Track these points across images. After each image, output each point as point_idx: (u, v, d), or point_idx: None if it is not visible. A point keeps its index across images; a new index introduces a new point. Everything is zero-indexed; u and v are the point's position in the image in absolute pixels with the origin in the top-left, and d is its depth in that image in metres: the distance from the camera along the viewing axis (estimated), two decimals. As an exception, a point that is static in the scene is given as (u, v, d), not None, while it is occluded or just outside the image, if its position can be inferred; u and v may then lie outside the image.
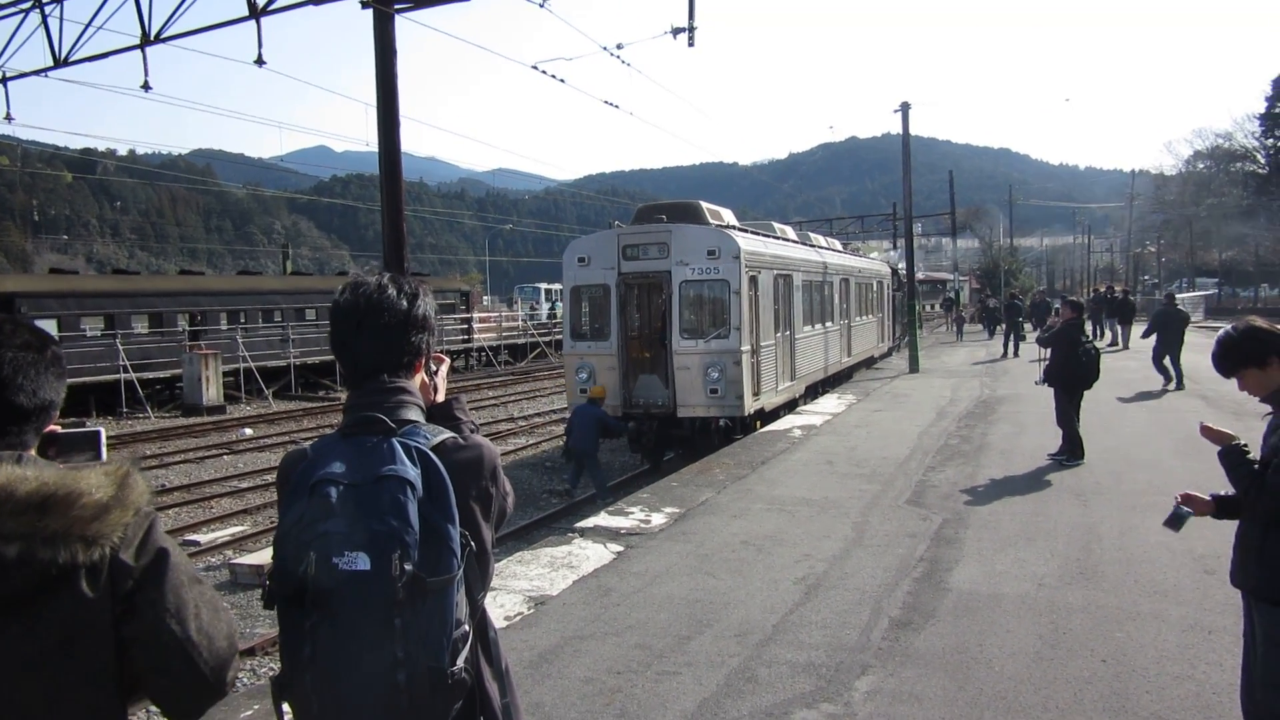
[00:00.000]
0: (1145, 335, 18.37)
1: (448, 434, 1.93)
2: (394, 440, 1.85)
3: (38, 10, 13.31)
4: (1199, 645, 5.02)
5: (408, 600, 1.74)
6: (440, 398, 2.16)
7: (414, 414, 1.95)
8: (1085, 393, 10.56)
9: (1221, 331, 3.41)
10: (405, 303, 2.00)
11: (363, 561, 1.73)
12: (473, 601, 1.89)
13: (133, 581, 1.56)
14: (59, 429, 1.76)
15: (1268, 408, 3.24)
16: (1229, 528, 3.35)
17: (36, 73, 13.68)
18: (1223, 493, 3.30)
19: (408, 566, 1.73)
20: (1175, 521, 3.33)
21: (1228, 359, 3.30)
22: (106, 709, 1.58)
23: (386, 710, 1.76)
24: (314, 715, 1.79)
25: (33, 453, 1.66)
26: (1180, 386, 16.42)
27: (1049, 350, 10.87)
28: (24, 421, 1.63)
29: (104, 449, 1.82)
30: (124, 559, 1.54)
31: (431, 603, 1.76)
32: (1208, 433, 3.32)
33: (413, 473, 1.81)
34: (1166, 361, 16.88)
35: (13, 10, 13.56)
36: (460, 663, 1.81)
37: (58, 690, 1.52)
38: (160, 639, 1.57)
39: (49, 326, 23.59)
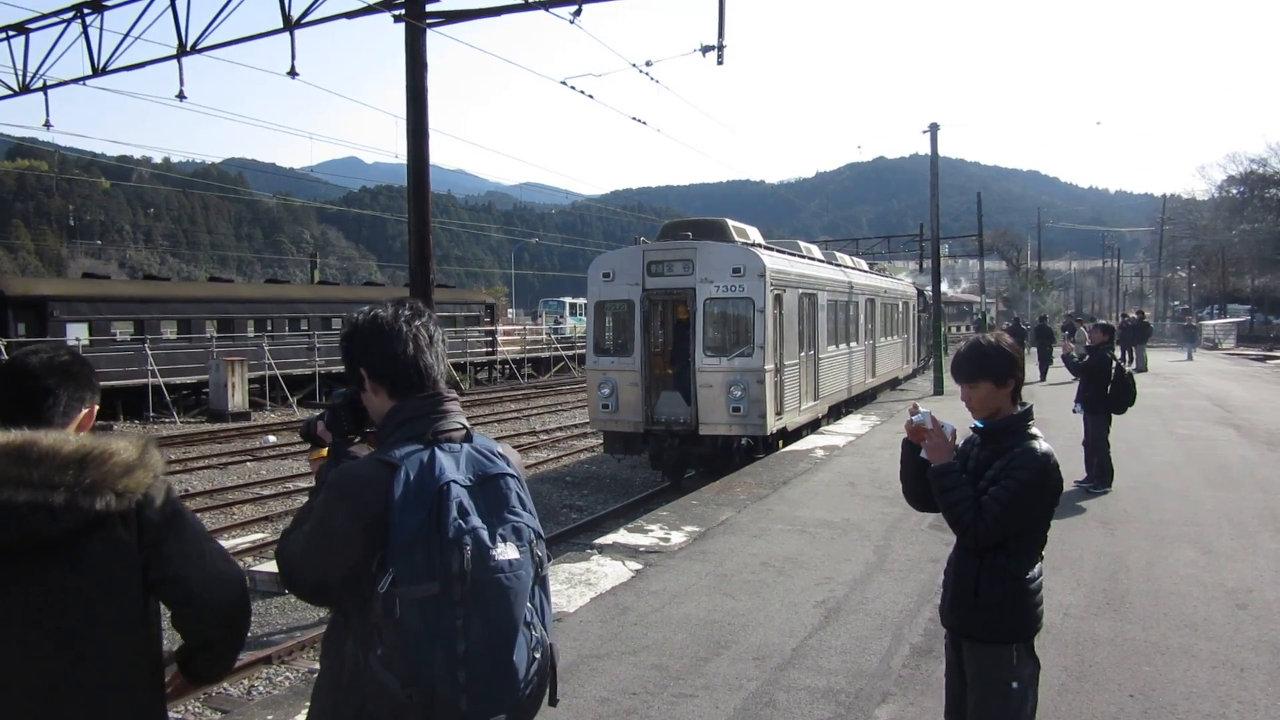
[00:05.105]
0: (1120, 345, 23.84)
1: (489, 438, 2.10)
2: (476, 443, 2.02)
3: (78, 21, 13.57)
4: (1230, 683, 4.89)
5: (536, 583, 1.96)
6: None
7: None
8: (1115, 417, 10.41)
9: (974, 338, 3.26)
10: None
11: (512, 551, 1.88)
12: None
13: (158, 534, 1.93)
14: None
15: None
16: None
17: (75, 81, 13.93)
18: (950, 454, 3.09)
19: (539, 552, 1.97)
20: (915, 418, 3.13)
21: (973, 365, 3.12)
22: (135, 644, 1.94)
23: (528, 690, 1.93)
24: (461, 712, 1.83)
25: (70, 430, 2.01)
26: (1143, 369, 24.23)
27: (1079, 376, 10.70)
28: (58, 407, 2.04)
29: None
30: (150, 515, 1.92)
31: (543, 584, 2.00)
32: (917, 432, 3.10)
33: (514, 470, 2.02)
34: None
35: (54, 21, 13.85)
36: None
37: (94, 622, 1.87)
38: (185, 580, 1.96)
39: (80, 330, 24.16)
